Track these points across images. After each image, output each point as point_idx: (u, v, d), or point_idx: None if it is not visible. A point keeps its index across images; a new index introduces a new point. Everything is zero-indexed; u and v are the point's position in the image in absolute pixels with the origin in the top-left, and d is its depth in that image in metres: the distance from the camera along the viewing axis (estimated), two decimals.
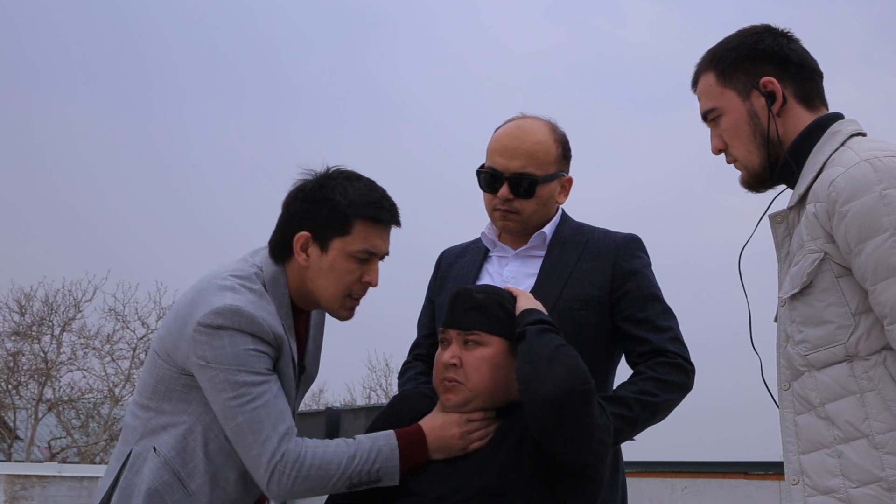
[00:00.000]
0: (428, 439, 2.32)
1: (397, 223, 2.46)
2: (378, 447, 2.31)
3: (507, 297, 2.37)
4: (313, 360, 2.61)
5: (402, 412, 2.45)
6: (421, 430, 2.34)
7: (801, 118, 2.13)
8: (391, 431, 2.34)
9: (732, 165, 2.21)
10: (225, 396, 2.30)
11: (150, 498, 2.34)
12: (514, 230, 2.71)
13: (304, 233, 2.40)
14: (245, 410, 2.28)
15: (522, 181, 2.63)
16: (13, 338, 21.60)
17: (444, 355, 2.34)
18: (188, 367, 2.34)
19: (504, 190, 2.64)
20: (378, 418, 2.49)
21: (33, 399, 21.36)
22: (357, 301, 2.46)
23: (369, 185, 2.44)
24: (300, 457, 2.28)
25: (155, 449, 2.36)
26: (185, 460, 2.36)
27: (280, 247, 2.44)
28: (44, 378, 21.18)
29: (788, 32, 2.19)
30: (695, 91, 2.24)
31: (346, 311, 2.46)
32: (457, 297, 2.38)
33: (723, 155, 2.22)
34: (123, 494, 2.38)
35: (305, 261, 2.41)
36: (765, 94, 2.13)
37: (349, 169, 2.48)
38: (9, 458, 20.57)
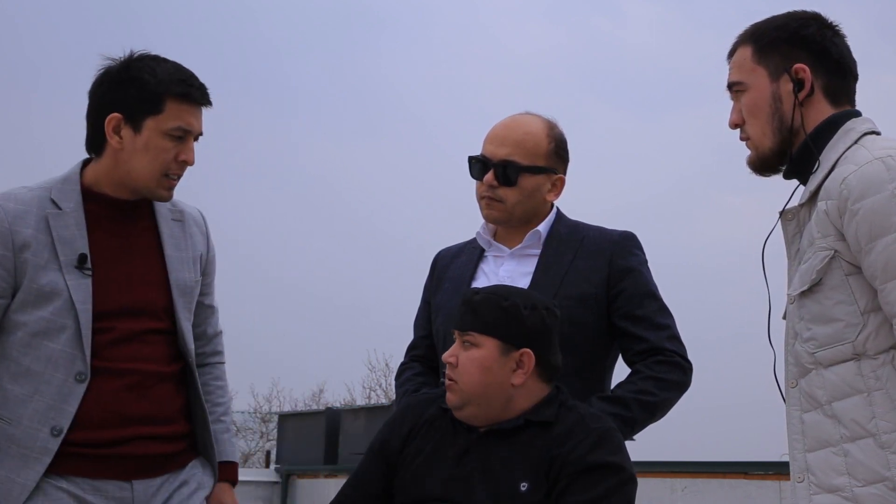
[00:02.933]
0: None
1: (208, 103, 2.46)
2: None
3: (510, 297, 2.34)
4: (181, 267, 2.53)
5: (405, 420, 2.44)
6: None
7: (823, 112, 2.11)
8: None
9: (744, 144, 2.19)
10: None
11: None
12: (499, 220, 2.71)
13: (116, 114, 2.38)
14: None
15: (506, 168, 2.64)
16: None
17: (445, 353, 2.36)
18: None
19: (489, 176, 2.65)
20: (388, 425, 2.47)
21: None
22: (175, 181, 2.46)
23: (177, 65, 2.44)
24: None
25: None
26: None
27: (93, 138, 2.44)
28: None
29: (836, 26, 2.16)
30: (729, 61, 2.21)
31: (164, 190, 2.45)
32: (462, 297, 2.41)
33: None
34: None
35: (119, 143, 2.39)
36: (794, 80, 2.11)
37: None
38: None
